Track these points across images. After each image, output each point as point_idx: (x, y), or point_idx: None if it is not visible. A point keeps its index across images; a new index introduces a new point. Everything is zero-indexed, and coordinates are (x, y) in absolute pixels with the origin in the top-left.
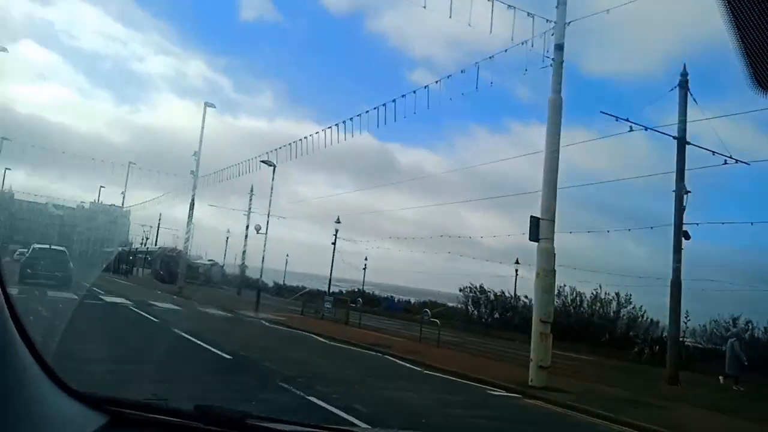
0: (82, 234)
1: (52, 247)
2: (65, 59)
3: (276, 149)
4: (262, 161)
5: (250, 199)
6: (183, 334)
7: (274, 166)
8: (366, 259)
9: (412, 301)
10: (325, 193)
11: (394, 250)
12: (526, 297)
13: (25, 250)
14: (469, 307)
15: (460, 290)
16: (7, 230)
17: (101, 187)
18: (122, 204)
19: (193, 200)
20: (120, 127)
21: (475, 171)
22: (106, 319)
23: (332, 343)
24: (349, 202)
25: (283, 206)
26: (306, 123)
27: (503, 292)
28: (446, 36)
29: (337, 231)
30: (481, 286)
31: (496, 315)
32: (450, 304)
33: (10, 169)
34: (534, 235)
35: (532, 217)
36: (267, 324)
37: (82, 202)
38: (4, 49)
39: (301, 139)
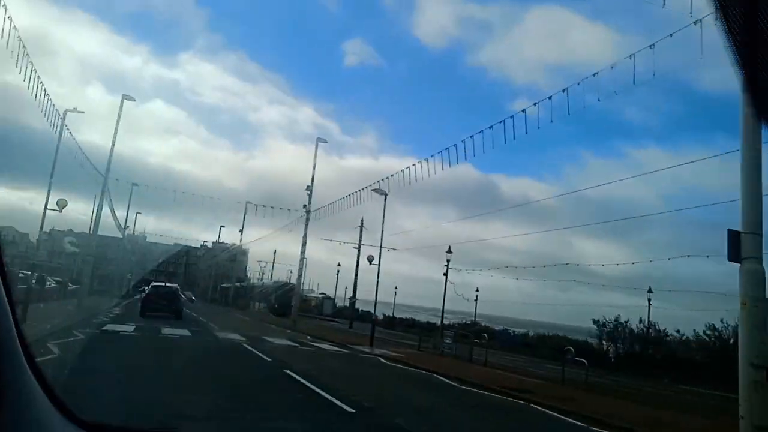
0: (204, 271)
1: (166, 284)
2: (189, 114)
3: (379, 180)
4: (374, 190)
5: (361, 231)
6: (298, 377)
7: (386, 195)
8: (477, 290)
9: (530, 333)
10: (428, 225)
11: (502, 281)
12: (677, 331)
13: (147, 287)
14: (604, 342)
15: (594, 322)
16: (140, 269)
17: (221, 227)
18: (240, 242)
19: (306, 232)
20: (237, 173)
21: (585, 197)
22: (216, 360)
23: (463, 386)
24: (454, 234)
25: (387, 239)
26: (408, 158)
27: (647, 324)
28: (547, 63)
29: (448, 261)
30: (617, 319)
31: (636, 350)
32: (571, 337)
33: (141, 213)
34: (734, 254)
35: (730, 231)
36: (385, 362)
37: (204, 242)
38: (132, 98)
39: (403, 170)
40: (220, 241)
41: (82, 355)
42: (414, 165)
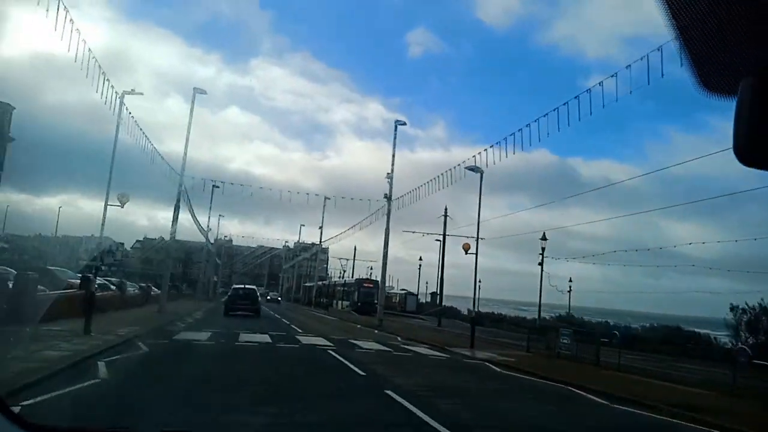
0: (286, 271)
1: (246, 286)
2: (263, 118)
3: (452, 168)
4: (468, 168)
5: (445, 220)
6: (406, 403)
7: (482, 172)
8: (570, 280)
9: (632, 326)
10: (505, 214)
11: (585, 269)
12: None
13: (228, 289)
14: (742, 334)
15: (732, 309)
16: (228, 271)
17: (301, 225)
18: (320, 239)
19: (388, 222)
20: (311, 172)
21: (671, 176)
22: (299, 378)
23: (617, 405)
24: (531, 223)
25: (463, 230)
26: (479, 147)
27: None
28: (623, 35)
29: (543, 250)
30: (760, 305)
31: None
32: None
33: (223, 215)
34: None
35: None
36: (499, 370)
37: (286, 242)
38: (203, 92)
39: (474, 156)
40: (301, 241)
41: (132, 377)
42: (485, 150)
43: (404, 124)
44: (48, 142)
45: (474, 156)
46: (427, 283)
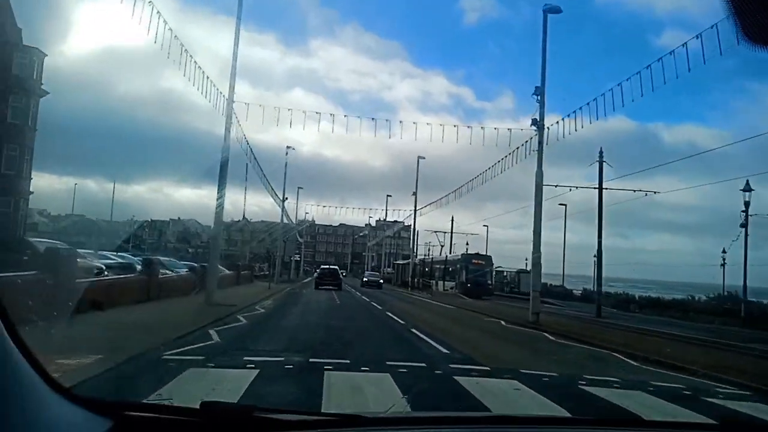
0: (371, 249)
1: (330, 266)
2: (327, 99)
3: (526, 142)
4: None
5: (601, 167)
6: None
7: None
8: (724, 251)
9: None
10: (586, 185)
11: (674, 242)
12: None
13: (317, 269)
14: None
15: None
16: (312, 251)
17: (388, 196)
18: (414, 209)
19: (541, 155)
20: (379, 152)
21: (763, 139)
22: None
23: None
24: (613, 194)
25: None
26: (552, 116)
27: None
28: None
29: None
30: None
31: None
32: None
33: (302, 187)
34: None
35: None
36: None
37: (370, 217)
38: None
39: (548, 126)
40: (385, 219)
41: None
42: (558, 122)
43: (559, 10)
44: (127, 134)
45: (548, 127)
46: (526, 259)
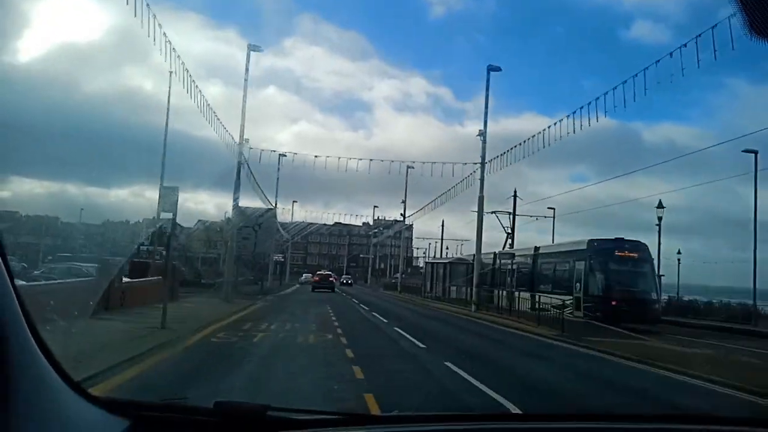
0: (370, 251)
1: (325, 272)
2: (302, 99)
3: (514, 146)
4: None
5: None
6: None
7: None
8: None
9: None
10: (565, 188)
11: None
12: None
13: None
14: None
15: None
16: (303, 253)
17: (376, 206)
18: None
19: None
20: (358, 151)
21: (747, 139)
22: None
23: None
24: (595, 196)
25: (526, 209)
26: (527, 116)
27: None
28: None
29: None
30: None
31: None
32: None
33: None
34: None
35: None
36: None
37: (365, 218)
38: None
39: (535, 135)
40: (376, 217)
41: None
42: (545, 130)
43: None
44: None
45: (534, 136)
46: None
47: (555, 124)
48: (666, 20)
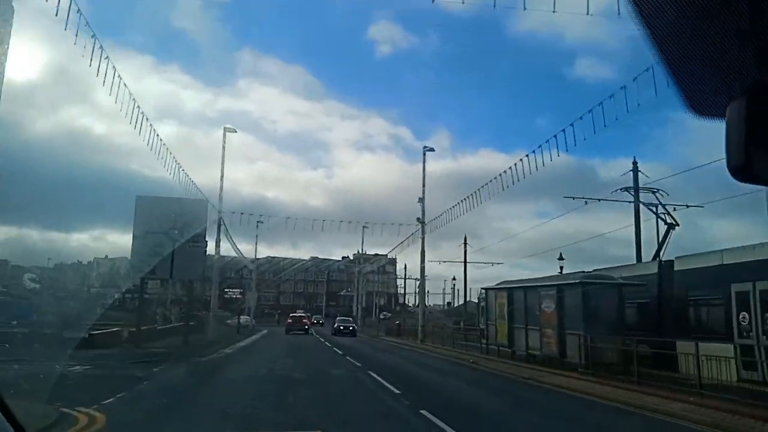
0: (350, 288)
1: (300, 314)
2: (259, 139)
3: (479, 188)
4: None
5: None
6: None
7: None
8: None
9: None
10: (533, 225)
11: None
12: None
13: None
14: None
15: None
16: (275, 292)
17: (364, 226)
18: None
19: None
20: (318, 191)
21: (700, 170)
22: None
23: None
24: (562, 231)
25: (495, 247)
26: (484, 152)
27: None
28: (605, 10)
29: None
30: None
31: None
32: None
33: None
34: None
35: None
36: None
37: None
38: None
39: (500, 174)
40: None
41: None
42: (503, 172)
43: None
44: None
45: (500, 175)
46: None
47: (509, 168)
48: (609, 56)
